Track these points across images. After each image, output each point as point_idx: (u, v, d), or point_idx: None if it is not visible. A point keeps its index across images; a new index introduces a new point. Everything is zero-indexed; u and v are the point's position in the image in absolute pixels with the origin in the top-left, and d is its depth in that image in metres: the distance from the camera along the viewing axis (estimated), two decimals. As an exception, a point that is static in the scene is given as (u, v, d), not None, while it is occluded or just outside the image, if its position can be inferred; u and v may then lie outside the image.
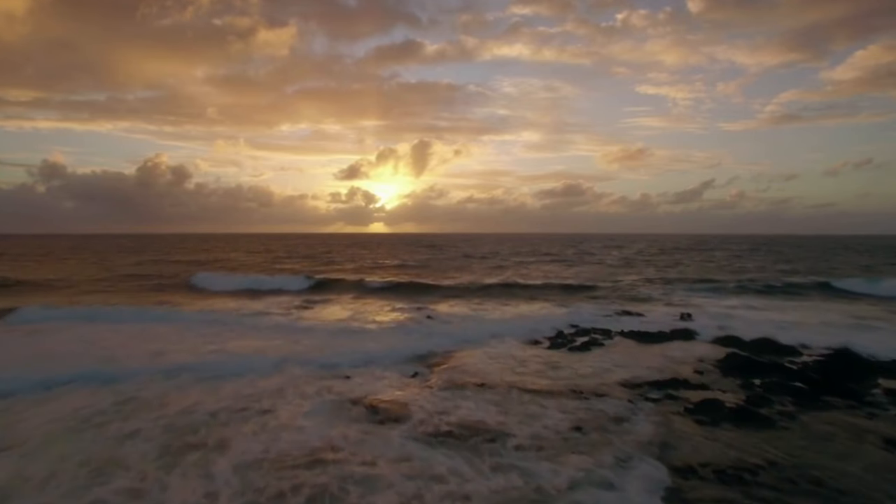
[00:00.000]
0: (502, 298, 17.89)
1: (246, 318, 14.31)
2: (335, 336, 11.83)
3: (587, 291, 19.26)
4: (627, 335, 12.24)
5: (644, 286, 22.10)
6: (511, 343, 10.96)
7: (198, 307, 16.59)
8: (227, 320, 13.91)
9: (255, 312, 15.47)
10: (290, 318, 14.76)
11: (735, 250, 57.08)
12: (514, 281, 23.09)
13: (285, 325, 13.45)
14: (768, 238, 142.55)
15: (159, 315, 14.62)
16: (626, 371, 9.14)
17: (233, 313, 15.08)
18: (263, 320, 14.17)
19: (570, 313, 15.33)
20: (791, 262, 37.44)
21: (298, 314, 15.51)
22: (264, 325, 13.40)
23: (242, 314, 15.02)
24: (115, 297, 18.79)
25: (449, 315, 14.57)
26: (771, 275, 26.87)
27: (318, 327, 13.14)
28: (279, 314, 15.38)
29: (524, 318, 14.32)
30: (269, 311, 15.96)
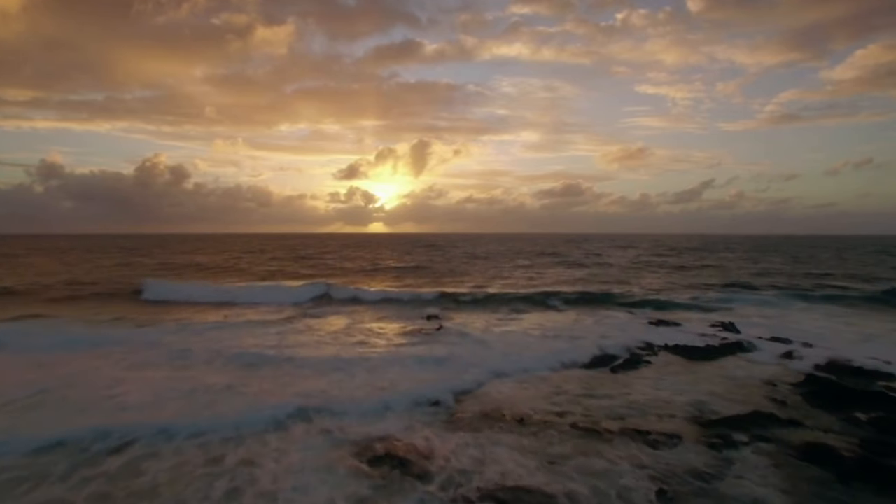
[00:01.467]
0: (519, 306, 16.17)
1: (195, 339, 11.18)
2: (323, 373, 8.60)
3: (611, 298, 17.61)
4: (673, 350, 10.63)
5: (669, 290, 20.51)
6: (544, 362, 9.30)
7: (144, 320, 13.93)
8: (163, 345, 10.55)
9: (210, 328, 12.72)
10: (264, 342, 11.00)
11: (745, 251, 55.49)
12: (532, 287, 21.46)
13: (248, 354, 9.66)
14: (770, 238, 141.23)
15: (81, 338, 10.90)
16: (690, 399, 7.53)
17: (183, 331, 12.16)
18: (223, 343, 10.69)
19: (600, 323, 13.74)
20: (811, 264, 35.84)
21: (277, 336, 11.75)
22: (218, 352, 9.79)
23: (194, 331, 12.18)
24: (55, 308, 16.09)
25: (467, 331, 12.34)
26: (801, 279, 25.20)
27: (299, 358, 9.43)
28: (249, 336, 11.80)
29: (551, 329, 12.66)
30: (235, 329, 12.61)
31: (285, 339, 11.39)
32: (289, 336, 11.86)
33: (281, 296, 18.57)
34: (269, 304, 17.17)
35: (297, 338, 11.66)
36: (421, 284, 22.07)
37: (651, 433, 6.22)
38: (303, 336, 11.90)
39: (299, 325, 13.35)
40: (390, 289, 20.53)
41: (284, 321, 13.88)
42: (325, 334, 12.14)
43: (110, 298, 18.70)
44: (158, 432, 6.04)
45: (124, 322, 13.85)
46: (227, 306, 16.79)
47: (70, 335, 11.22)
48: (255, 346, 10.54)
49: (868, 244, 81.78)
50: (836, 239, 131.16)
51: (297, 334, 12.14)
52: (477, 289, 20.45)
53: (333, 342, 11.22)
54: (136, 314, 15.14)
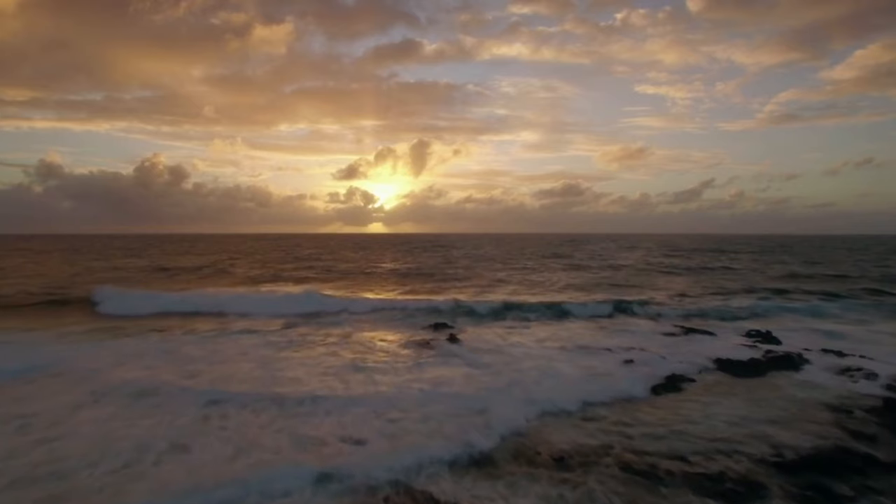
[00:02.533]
0: (534, 315, 14.67)
1: (127, 363, 8.84)
2: (314, 415, 6.57)
3: (631, 305, 16.35)
4: (715, 365, 9.42)
5: (690, 295, 19.32)
6: (578, 384, 8.06)
7: (85, 334, 11.76)
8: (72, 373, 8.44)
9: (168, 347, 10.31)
10: (235, 370, 8.71)
11: (755, 251, 54.16)
12: (544, 293, 20.22)
13: (212, 392, 7.44)
14: (774, 238, 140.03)
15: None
16: (752, 431, 6.32)
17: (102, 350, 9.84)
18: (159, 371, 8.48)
19: (625, 333, 12.56)
20: (830, 265, 34.63)
21: (253, 363, 9.19)
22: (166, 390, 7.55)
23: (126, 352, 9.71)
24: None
25: (483, 348, 10.66)
26: (830, 282, 23.88)
27: (287, 398, 7.16)
28: (214, 358, 9.48)
29: (576, 343, 11.40)
30: (199, 349, 10.25)
31: (266, 367, 9.01)
32: (273, 361, 9.43)
33: (266, 306, 15.70)
34: (253, 315, 14.60)
35: (284, 363, 9.35)
36: (424, 290, 20.50)
37: (724, 479, 5.01)
38: (290, 361, 9.50)
39: (284, 345, 10.86)
40: (391, 297, 18.63)
41: (265, 342, 11.15)
42: (316, 357, 9.81)
43: (60, 308, 15.97)
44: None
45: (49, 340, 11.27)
46: (200, 318, 14.30)
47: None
48: (222, 377, 8.30)
49: (876, 244, 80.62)
50: (837, 239, 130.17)
51: (281, 359, 9.66)
52: (484, 295, 19.21)
53: (326, 371, 8.79)
54: (78, 326, 12.89)
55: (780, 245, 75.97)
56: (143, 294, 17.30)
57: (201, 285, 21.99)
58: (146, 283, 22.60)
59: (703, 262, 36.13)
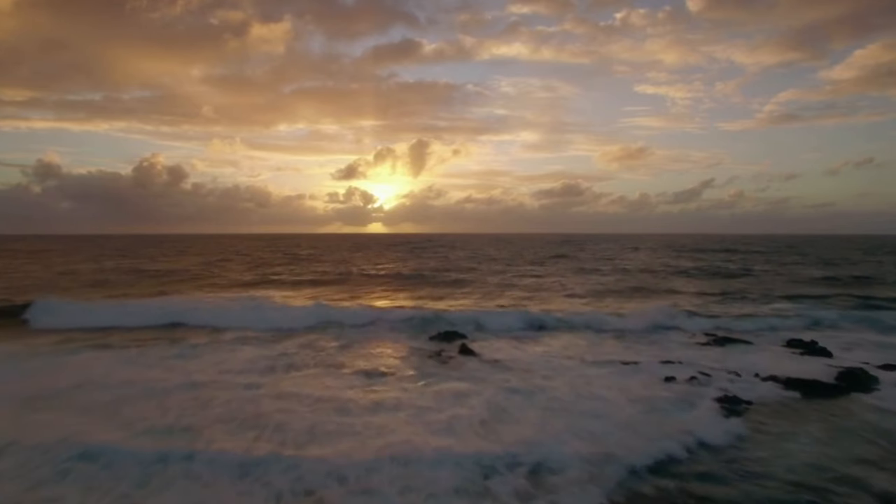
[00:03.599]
0: (552, 325, 13.16)
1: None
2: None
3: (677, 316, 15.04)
4: (769, 382, 8.27)
5: (712, 299, 18.18)
6: (633, 420, 6.79)
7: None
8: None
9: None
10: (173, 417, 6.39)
11: (765, 252, 52.88)
12: (558, 299, 19.01)
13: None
14: (778, 238, 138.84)
15: None
16: (842, 475, 5.14)
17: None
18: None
19: (654, 344, 11.43)
20: (848, 266, 33.44)
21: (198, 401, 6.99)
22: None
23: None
24: None
25: (507, 373, 9.12)
26: (863, 287, 22.42)
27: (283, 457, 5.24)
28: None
29: (598, 355, 10.25)
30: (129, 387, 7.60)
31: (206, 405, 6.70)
32: (259, 388, 7.49)
33: (242, 317, 13.35)
34: (227, 329, 12.47)
35: (272, 388, 7.49)
36: (428, 297, 19.08)
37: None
38: (275, 389, 7.45)
39: (263, 372, 8.59)
40: (393, 303, 16.83)
41: (226, 364, 8.95)
42: (307, 390, 7.51)
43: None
44: None
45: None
46: (145, 332, 12.17)
47: None
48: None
49: (882, 244, 79.46)
50: (839, 239, 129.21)
51: (258, 387, 7.59)
52: (491, 300, 18.06)
53: (319, 410, 6.72)
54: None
55: (785, 245, 74.75)
56: (84, 305, 14.73)
57: (174, 291, 20.07)
58: (110, 289, 20.72)
59: (715, 264, 34.92)
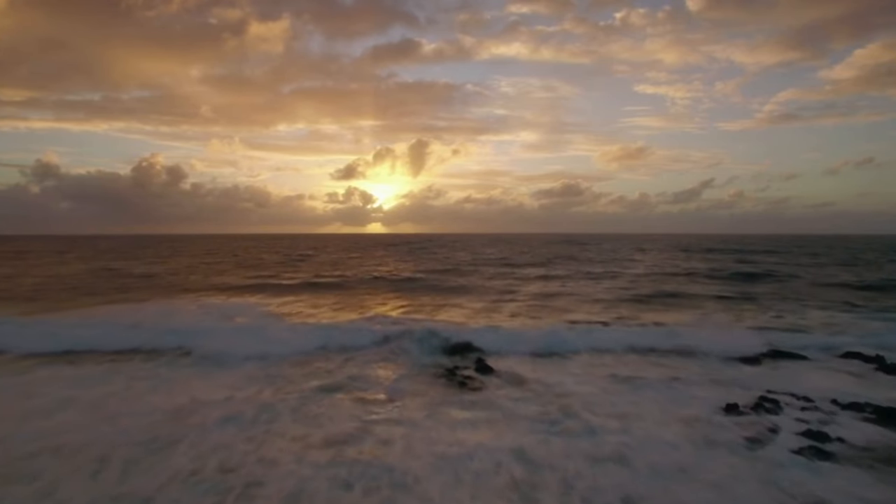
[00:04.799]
0: (573, 340, 11.49)
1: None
2: None
3: (693, 324, 13.69)
4: (850, 411, 6.91)
5: (746, 307, 16.80)
6: (685, 458, 5.44)
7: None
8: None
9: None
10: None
11: (775, 251, 51.18)
12: (574, 309, 17.45)
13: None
14: (779, 238, 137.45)
15: None
16: None
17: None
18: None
19: (689, 357, 10.06)
20: (876, 268, 31.82)
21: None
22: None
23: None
24: None
25: (536, 389, 7.79)
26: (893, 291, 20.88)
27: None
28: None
29: (632, 373, 8.84)
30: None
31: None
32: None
33: (215, 337, 10.48)
34: (191, 350, 9.98)
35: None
36: (431, 305, 17.27)
37: None
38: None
39: (239, 412, 6.65)
40: (391, 314, 14.66)
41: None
42: (295, 429, 6.08)
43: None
44: None
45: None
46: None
47: None
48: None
49: (888, 243, 78.02)
50: (842, 239, 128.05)
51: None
52: (501, 309, 16.57)
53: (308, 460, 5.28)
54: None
55: (793, 245, 73.32)
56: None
57: (144, 297, 18.28)
58: (63, 296, 18.93)
59: (729, 265, 33.37)
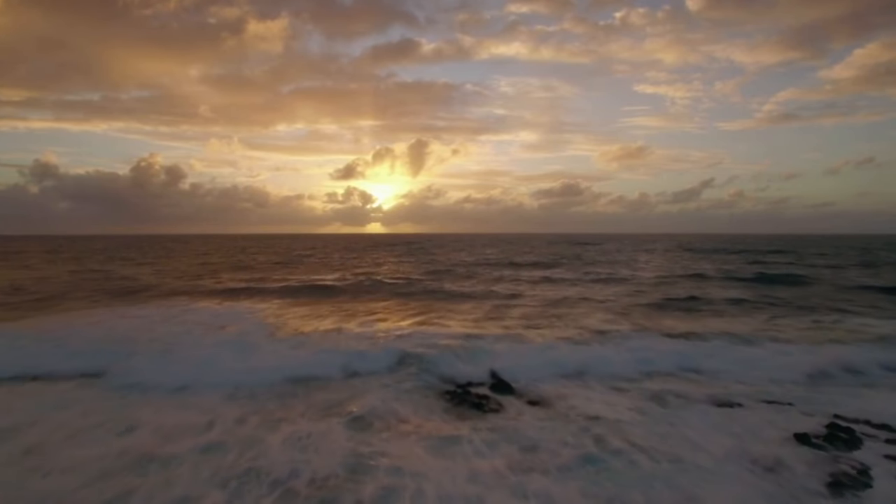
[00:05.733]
0: (608, 359, 10.11)
1: None
2: None
3: (726, 333, 11.80)
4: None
5: (778, 314, 14.87)
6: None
7: None
8: None
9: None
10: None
11: (782, 251, 49.28)
12: (592, 321, 15.44)
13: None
14: (782, 238, 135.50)
15: None
16: None
17: None
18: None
19: (729, 374, 8.19)
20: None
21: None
22: None
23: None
24: None
25: (563, 417, 6.51)
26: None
27: None
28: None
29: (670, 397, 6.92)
30: None
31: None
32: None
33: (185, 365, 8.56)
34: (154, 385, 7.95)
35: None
36: (434, 314, 15.30)
37: None
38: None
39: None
40: (389, 327, 12.57)
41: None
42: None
43: None
44: None
45: None
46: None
47: None
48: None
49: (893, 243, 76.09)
50: (846, 238, 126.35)
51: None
52: (511, 318, 14.64)
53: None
54: None
55: (796, 244, 71.23)
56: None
57: (108, 304, 16.55)
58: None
59: (745, 266, 31.42)
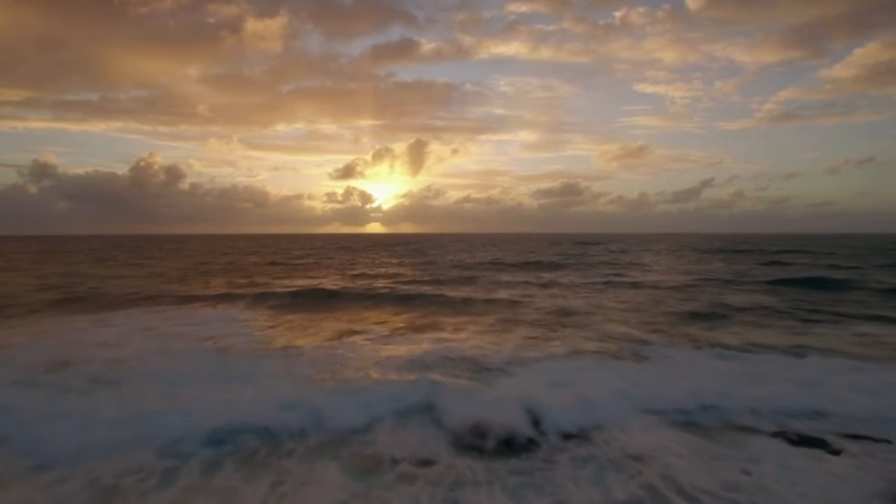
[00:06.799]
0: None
1: None
2: None
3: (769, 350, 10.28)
4: None
5: (821, 328, 13.33)
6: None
7: None
8: None
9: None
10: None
11: (792, 251, 47.64)
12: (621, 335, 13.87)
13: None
14: (783, 237, 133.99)
15: None
16: None
17: None
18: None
19: (825, 415, 6.64)
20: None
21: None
22: None
23: None
24: None
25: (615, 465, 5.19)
26: None
27: None
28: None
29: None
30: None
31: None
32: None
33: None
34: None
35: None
36: (441, 328, 13.43)
37: None
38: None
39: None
40: (377, 361, 9.33)
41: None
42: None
43: None
44: None
45: None
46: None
47: None
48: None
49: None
50: (842, 238, 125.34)
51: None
52: (525, 330, 13.08)
53: None
54: None
55: (800, 244, 69.38)
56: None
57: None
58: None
59: (758, 268, 29.75)
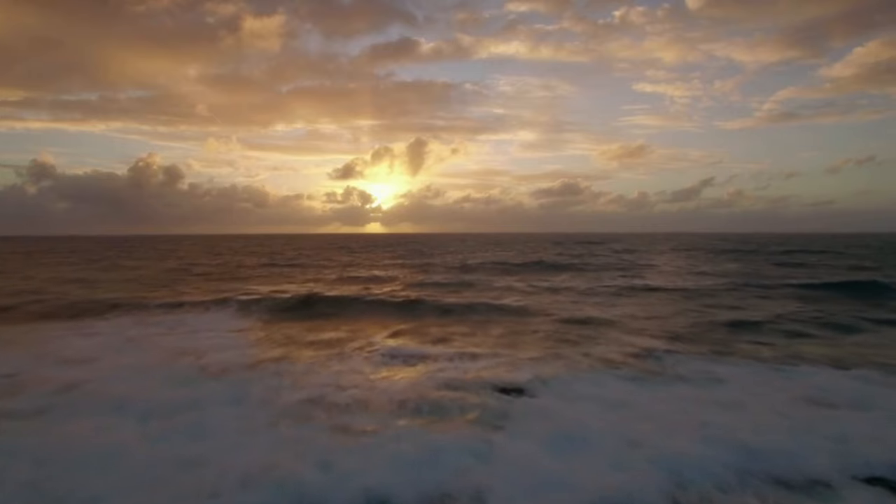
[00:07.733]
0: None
1: None
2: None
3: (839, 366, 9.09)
4: None
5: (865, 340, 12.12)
6: None
7: None
8: None
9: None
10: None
11: (802, 251, 46.49)
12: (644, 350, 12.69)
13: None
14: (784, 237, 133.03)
15: None
16: None
17: None
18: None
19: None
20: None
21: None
22: None
23: None
24: None
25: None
26: None
27: None
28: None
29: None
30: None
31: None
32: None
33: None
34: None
35: None
36: (449, 343, 12.16)
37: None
38: None
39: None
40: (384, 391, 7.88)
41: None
42: None
43: None
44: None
45: None
46: None
47: None
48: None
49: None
50: (842, 237, 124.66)
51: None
52: (547, 347, 11.90)
53: None
54: None
55: (802, 244, 68.12)
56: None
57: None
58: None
59: (774, 270, 28.52)
